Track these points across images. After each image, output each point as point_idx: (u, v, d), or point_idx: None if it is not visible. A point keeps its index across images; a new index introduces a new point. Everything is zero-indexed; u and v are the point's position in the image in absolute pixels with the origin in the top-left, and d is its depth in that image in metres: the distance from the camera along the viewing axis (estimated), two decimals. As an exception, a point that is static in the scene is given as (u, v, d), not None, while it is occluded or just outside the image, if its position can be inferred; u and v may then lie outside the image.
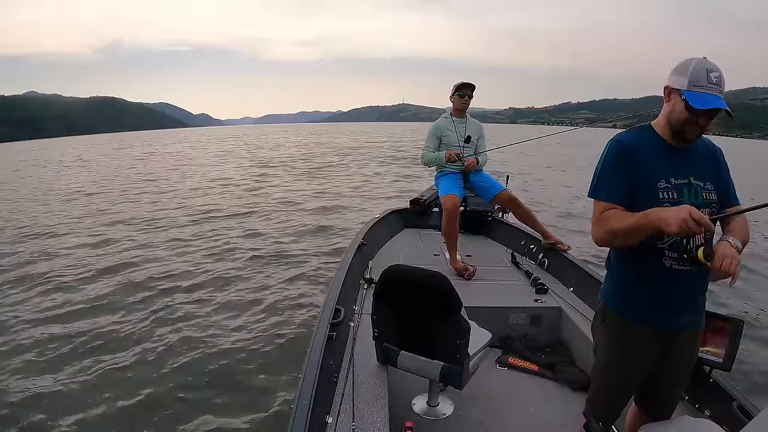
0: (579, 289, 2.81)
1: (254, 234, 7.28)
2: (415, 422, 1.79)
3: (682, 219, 1.10)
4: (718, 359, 1.72)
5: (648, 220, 1.17)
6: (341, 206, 9.45)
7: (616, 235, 1.24)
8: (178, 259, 6.08)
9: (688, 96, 1.20)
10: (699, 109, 1.19)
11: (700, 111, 1.20)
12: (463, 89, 3.45)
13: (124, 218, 8.75)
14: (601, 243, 1.31)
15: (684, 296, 1.32)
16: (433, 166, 3.56)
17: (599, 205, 1.30)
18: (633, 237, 1.22)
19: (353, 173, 15.29)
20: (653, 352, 1.36)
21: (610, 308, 1.40)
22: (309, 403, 1.54)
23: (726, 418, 1.59)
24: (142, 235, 7.46)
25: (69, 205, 10.59)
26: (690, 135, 1.25)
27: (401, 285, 1.78)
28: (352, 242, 3.35)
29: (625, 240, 1.25)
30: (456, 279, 3.01)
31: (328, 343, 1.95)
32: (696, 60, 1.22)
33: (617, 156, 1.30)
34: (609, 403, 1.45)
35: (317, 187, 12.06)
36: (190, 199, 10.69)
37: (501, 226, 4.12)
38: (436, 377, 1.83)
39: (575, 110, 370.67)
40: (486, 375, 2.29)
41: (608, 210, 1.27)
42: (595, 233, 1.30)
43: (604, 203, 1.29)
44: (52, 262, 6.01)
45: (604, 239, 1.29)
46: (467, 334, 1.72)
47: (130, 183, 14.17)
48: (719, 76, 1.19)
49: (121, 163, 22.12)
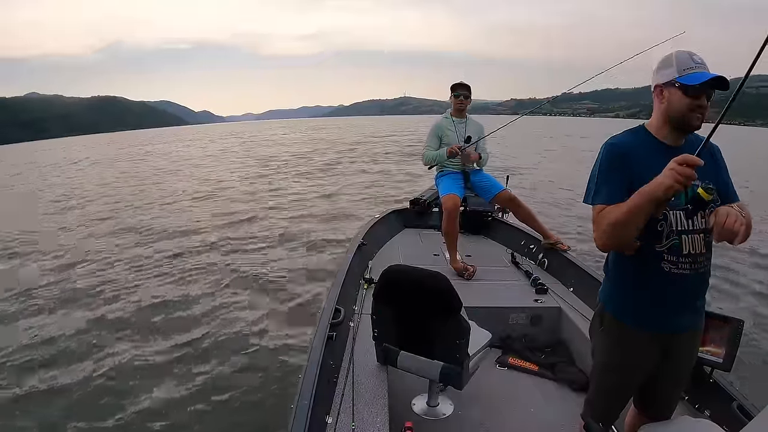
0: (579, 290, 2.81)
1: (254, 234, 7.29)
2: (415, 422, 1.79)
3: (669, 169, 1.08)
4: (718, 359, 1.72)
5: (643, 194, 1.14)
6: (343, 206, 9.45)
7: (617, 226, 1.19)
8: (178, 258, 6.09)
9: (682, 80, 1.21)
10: (698, 86, 1.19)
11: (699, 90, 1.20)
12: (458, 89, 3.44)
13: (129, 225, 8.76)
14: (605, 244, 1.26)
15: (683, 300, 1.31)
16: (434, 165, 3.56)
17: (596, 209, 1.27)
18: (633, 222, 1.17)
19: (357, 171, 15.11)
20: (652, 354, 1.35)
21: (608, 312, 1.39)
22: (309, 403, 1.54)
23: (726, 418, 1.59)
24: (141, 238, 7.47)
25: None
26: (695, 121, 1.24)
27: (401, 285, 1.78)
28: (352, 242, 3.35)
29: (628, 230, 1.19)
30: (456, 279, 3.01)
31: (328, 343, 1.95)
32: (675, 51, 1.26)
33: (612, 159, 1.28)
34: (607, 405, 1.45)
35: (318, 187, 12.03)
36: (187, 202, 10.69)
37: (501, 226, 4.11)
38: (436, 377, 1.83)
39: (577, 100, 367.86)
40: (486, 375, 2.29)
41: (603, 212, 1.24)
42: (598, 236, 1.26)
43: (601, 206, 1.26)
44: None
45: (607, 240, 1.24)
46: (467, 334, 1.72)
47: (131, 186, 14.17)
48: (701, 57, 1.23)
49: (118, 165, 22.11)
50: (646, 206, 1.14)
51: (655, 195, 1.11)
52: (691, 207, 1.20)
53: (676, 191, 1.10)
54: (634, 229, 1.19)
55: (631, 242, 1.24)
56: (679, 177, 1.07)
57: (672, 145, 1.29)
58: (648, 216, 1.16)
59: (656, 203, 1.13)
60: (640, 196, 1.14)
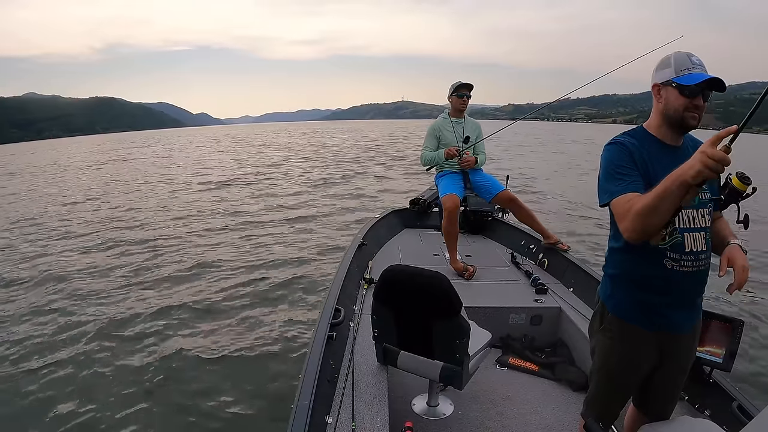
0: (579, 289, 2.81)
1: (254, 235, 7.28)
2: (415, 422, 1.79)
3: (701, 152, 1.00)
4: (718, 359, 1.72)
5: (672, 179, 1.07)
6: (344, 209, 9.46)
7: (644, 213, 1.12)
8: (177, 260, 6.08)
9: (679, 80, 1.22)
10: (693, 87, 1.20)
11: (695, 90, 1.21)
12: (462, 90, 3.45)
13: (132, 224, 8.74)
14: (634, 234, 1.18)
15: (683, 298, 1.31)
16: (433, 166, 3.56)
17: (618, 201, 1.21)
18: (662, 208, 1.10)
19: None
20: (651, 354, 1.35)
21: (607, 310, 1.39)
22: (309, 403, 1.54)
23: (726, 418, 1.59)
24: (146, 233, 7.47)
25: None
26: (691, 121, 1.25)
27: (401, 285, 1.78)
28: (352, 242, 3.35)
29: (656, 217, 1.12)
30: (456, 279, 3.01)
31: (328, 343, 1.95)
32: (674, 52, 1.27)
33: (620, 154, 1.27)
34: (607, 404, 1.45)
35: (323, 191, 11.98)
36: (194, 202, 10.70)
37: (501, 226, 4.12)
38: (436, 377, 1.83)
39: (574, 106, 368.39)
40: (486, 375, 2.30)
41: (629, 200, 1.18)
42: (625, 227, 1.18)
43: (623, 196, 1.20)
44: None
45: (636, 228, 1.16)
46: (467, 334, 1.72)
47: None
48: (699, 59, 1.24)
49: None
50: (675, 190, 1.07)
51: (684, 179, 1.04)
52: (724, 198, 1.13)
53: (705, 177, 1.01)
54: (663, 215, 1.11)
55: (659, 231, 1.16)
56: (709, 161, 0.98)
57: (671, 144, 1.30)
58: (677, 202, 1.09)
59: (685, 188, 1.06)
60: (669, 180, 1.08)
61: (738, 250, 1.25)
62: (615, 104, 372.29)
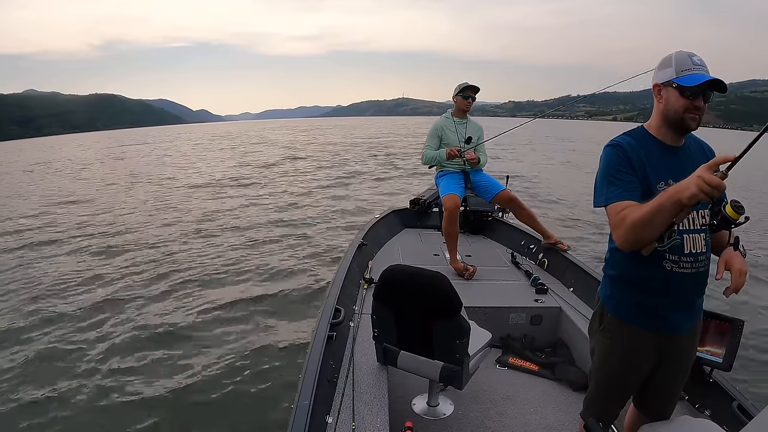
0: (579, 289, 2.81)
1: (254, 236, 7.28)
2: (415, 422, 1.79)
3: (697, 176, 1.03)
4: (718, 359, 1.72)
5: (666, 196, 1.10)
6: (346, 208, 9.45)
7: (638, 225, 1.15)
8: (176, 259, 6.08)
9: (679, 81, 1.22)
10: (694, 88, 1.20)
11: (696, 92, 1.21)
12: (468, 91, 3.45)
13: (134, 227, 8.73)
14: (626, 244, 1.21)
15: (682, 299, 1.31)
16: (434, 165, 3.56)
17: (614, 208, 1.23)
18: (656, 222, 1.14)
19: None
20: (651, 354, 1.35)
21: (607, 311, 1.39)
22: (309, 403, 1.54)
23: (726, 418, 1.59)
24: (158, 231, 7.47)
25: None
26: (691, 122, 1.25)
27: (401, 285, 1.78)
28: (352, 242, 3.35)
29: (649, 230, 1.15)
30: (456, 279, 3.01)
31: (328, 343, 1.95)
32: (675, 52, 1.27)
33: (619, 158, 1.27)
34: (607, 404, 1.45)
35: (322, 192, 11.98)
36: (194, 202, 10.68)
37: (501, 226, 4.12)
38: (436, 377, 1.83)
39: (575, 103, 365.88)
40: (486, 375, 2.30)
41: (624, 209, 1.20)
42: (618, 235, 1.21)
43: (619, 203, 1.22)
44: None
45: (628, 238, 1.19)
46: (467, 334, 1.72)
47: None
48: (701, 59, 1.23)
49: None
50: (669, 207, 1.10)
51: (678, 198, 1.07)
52: (716, 224, 1.14)
53: (699, 200, 1.05)
54: (656, 228, 1.15)
55: (651, 242, 1.20)
56: (705, 186, 1.01)
57: (672, 145, 1.30)
58: (671, 217, 1.13)
59: (679, 207, 1.09)
60: (664, 197, 1.11)
61: (736, 253, 1.24)
62: (615, 101, 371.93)
